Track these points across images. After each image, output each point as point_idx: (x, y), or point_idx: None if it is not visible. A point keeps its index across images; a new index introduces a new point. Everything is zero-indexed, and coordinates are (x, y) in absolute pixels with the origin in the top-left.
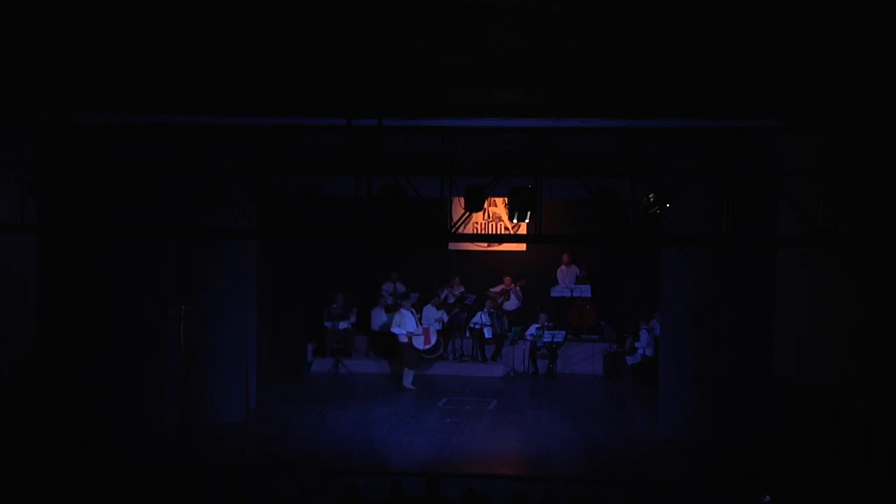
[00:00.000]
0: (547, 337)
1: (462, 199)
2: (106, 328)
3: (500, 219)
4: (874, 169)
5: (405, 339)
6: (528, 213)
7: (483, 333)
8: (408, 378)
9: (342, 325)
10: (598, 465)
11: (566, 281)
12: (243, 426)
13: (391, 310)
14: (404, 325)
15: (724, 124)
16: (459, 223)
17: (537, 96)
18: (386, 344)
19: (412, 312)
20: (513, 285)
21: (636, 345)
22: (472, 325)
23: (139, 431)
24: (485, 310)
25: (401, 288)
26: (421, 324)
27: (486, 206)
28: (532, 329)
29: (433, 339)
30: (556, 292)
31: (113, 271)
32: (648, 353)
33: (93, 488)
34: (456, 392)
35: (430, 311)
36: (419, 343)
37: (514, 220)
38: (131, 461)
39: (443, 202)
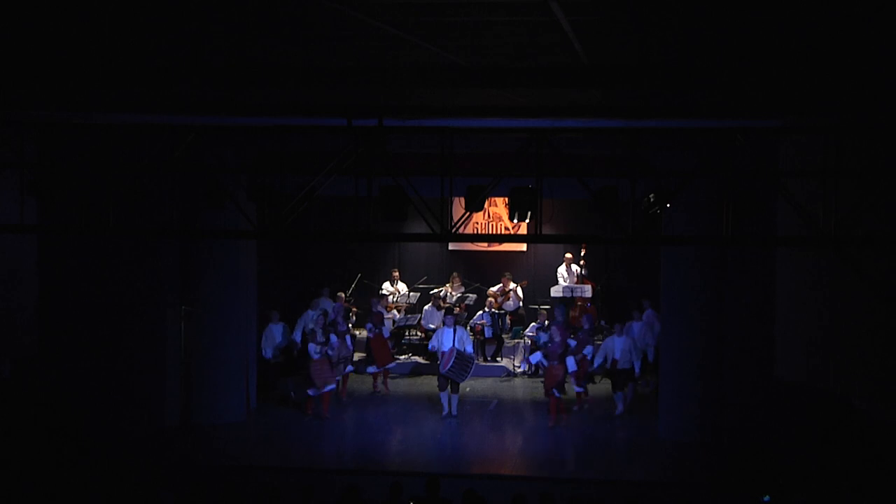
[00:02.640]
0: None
1: (462, 199)
2: (106, 328)
3: (500, 219)
4: (874, 169)
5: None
6: (528, 213)
7: (483, 333)
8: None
9: (342, 325)
10: (598, 465)
11: (567, 280)
12: (243, 426)
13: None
14: (439, 342)
15: (724, 124)
16: (459, 223)
17: (537, 96)
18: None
19: (453, 331)
20: (512, 285)
21: None
22: (472, 325)
23: (139, 431)
24: (485, 310)
25: (401, 288)
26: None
27: (486, 206)
28: (532, 328)
29: (450, 363)
30: (556, 292)
31: (113, 271)
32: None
33: (92, 488)
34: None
35: (432, 313)
36: (441, 365)
37: (514, 220)
38: (131, 461)
39: (443, 202)
